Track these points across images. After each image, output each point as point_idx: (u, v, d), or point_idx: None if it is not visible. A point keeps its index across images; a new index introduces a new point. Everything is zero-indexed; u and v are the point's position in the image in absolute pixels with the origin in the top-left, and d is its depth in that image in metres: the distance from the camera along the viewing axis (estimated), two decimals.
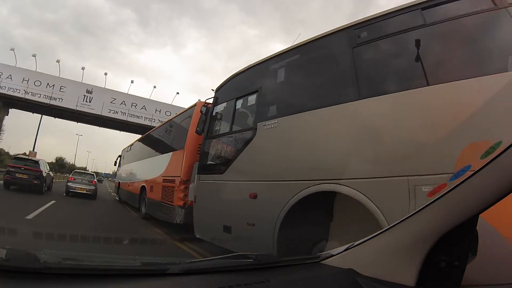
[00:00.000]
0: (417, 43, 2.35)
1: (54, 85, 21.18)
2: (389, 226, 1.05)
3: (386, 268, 1.01)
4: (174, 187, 6.00)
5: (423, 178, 1.95)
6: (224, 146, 4.43)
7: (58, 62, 22.94)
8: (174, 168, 6.38)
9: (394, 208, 2.10)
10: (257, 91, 3.86)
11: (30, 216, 5.67)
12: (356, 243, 1.16)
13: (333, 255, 1.25)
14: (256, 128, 3.65)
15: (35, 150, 26.51)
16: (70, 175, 12.90)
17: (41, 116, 25.27)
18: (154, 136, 9.70)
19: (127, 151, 14.02)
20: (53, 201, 8.59)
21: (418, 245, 0.93)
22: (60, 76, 22.23)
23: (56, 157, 64.12)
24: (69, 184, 11.69)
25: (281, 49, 3.82)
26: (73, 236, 3.62)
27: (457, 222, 0.86)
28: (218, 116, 4.65)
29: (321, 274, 1.23)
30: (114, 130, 25.89)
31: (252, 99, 4.00)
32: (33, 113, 23.56)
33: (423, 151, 2.11)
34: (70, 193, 11.30)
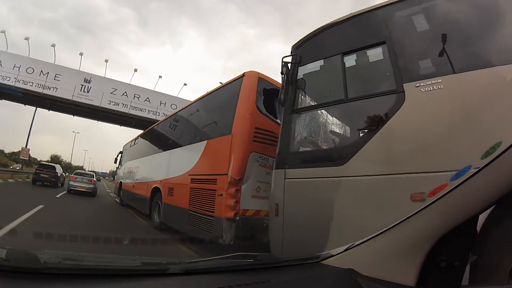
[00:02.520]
0: None
1: (48, 72, 18.74)
2: (389, 226, 1.05)
3: (386, 268, 1.01)
4: (215, 190, 4.31)
5: None
6: (337, 122, 3.09)
7: (54, 47, 20.45)
8: (213, 163, 4.67)
9: None
10: (384, 42, 2.80)
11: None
12: (356, 243, 1.16)
13: (333, 255, 1.25)
14: (403, 91, 2.54)
15: (28, 147, 24.84)
16: (72, 175, 14.50)
17: (36, 109, 22.94)
18: (173, 123, 7.45)
19: (130, 146, 12.02)
20: (41, 206, 6.69)
21: (419, 245, 0.93)
22: (55, 63, 19.73)
23: (51, 155, 63.91)
24: (71, 183, 12.95)
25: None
26: (73, 237, 3.61)
27: (457, 222, 0.86)
28: (311, 80, 3.31)
29: (321, 274, 1.23)
30: (114, 125, 22.79)
31: (376, 53, 2.88)
32: (25, 104, 20.86)
33: None
34: (72, 191, 12.45)
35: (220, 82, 5.99)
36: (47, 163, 17.87)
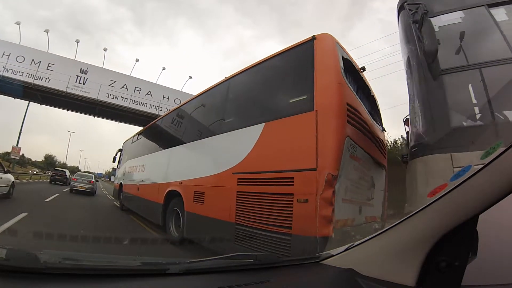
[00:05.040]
0: None
1: (40, 61, 17.36)
2: (389, 226, 1.05)
3: (386, 268, 1.01)
4: (292, 194, 2.92)
5: None
6: None
7: (47, 33, 19.04)
8: (284, 154, 3.16)
9: None
10: None
11: None
12: (356, 243, 1.16)
13: (333, 255, 1.25)
14: None
15: (19, 146, 24.24)
16: (73, 176, 16.42)
17: (28, 104, 21.70)
18: (198, 106, 5.54)
19: (132, 142, 10.52)
20: (24, 214, 5.40)
21: (418, 245, 0.93)
22: (48, 51, 18.38)
23: (45, 155, 64.32)
24: (72, 183, 14.77)
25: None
26: (73, 237, 3.61)
27: (457, 222, 0.86)
28: (457, 34, 2.52)
29: (321, 274, 1.23)
30: (110, 124, 23.39)
31: None
32: (14, 98, 19.19)
33: None
34: (73, 191, 13.95)
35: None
36: (60, 169, 23.82)
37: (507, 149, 0.74)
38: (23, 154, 31.14)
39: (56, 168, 26.03)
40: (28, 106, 22.46)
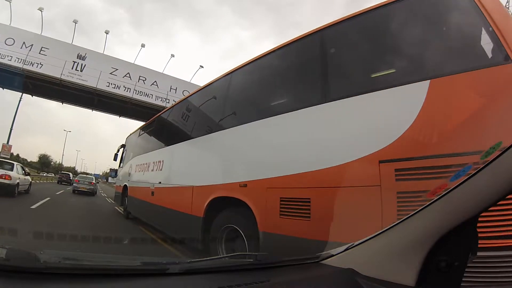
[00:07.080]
0: None
1: (32, 45, 15.28)
2: (389, 226, 1.05)
3: (386, 268, 1.01)
4: None
5: None
6: None
7: (41, 11, 16.88)
8: (476, 122, 1.88)
9: None
10: None
11: None
12: (356, 243, 1.16)
13: (333, 255, 1.25)
14: None
15: (10, 143, 21.95)
16: (76, 178, 18.42)
17: (21, 95, 19.22)
18: (292, 56, 3.45)
19: (139, 135, 8.54)
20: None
21: (418, 245, 0.93)
22: (42, 34, 16.37)
23: (40, 155, 64.11)
24: (74, 184, 16.25)
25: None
26: (73, 236, 3.61)
27: (457, 222, 0.86)
28: None
29: (321, 274, 1.23)
30: (109, 121, 20.85)
31: None
32: (3, 88, 16.94)
33: None
34: (76, 191, 15.24)
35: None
36: (65, 172, 30.91)
37: (507, 149, 0.73)
38: (18, 154, 32.27)
39: (62, 172, 33.31)
40: (20, 99, 20.01)
